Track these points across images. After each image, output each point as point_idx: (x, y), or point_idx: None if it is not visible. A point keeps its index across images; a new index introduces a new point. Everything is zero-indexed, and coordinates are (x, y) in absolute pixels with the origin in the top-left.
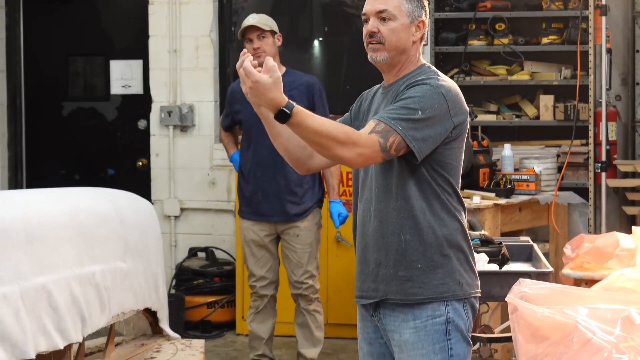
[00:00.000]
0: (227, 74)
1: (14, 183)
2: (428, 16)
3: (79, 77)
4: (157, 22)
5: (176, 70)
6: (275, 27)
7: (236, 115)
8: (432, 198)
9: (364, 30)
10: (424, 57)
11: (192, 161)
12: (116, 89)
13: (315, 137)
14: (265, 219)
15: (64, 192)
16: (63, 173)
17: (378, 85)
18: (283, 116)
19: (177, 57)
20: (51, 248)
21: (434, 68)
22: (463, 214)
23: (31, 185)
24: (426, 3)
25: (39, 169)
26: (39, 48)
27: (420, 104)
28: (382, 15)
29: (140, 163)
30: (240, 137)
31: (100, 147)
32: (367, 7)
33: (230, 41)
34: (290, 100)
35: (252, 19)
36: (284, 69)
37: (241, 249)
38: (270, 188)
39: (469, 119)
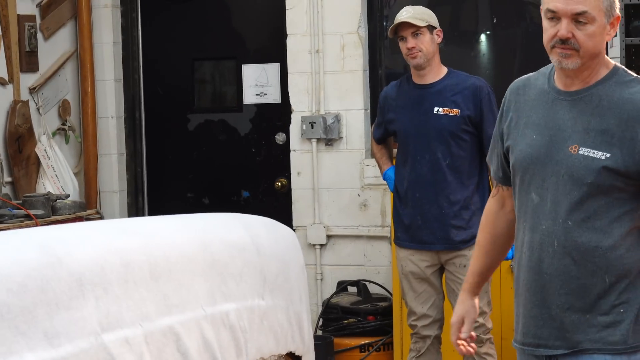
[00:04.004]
0: (378, 76)
1: (134, 209)
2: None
3: (207, 84)
4: (295, 18)
5: (319, 74)
6: (433, 21)
7: (390, 124)
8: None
9: (551, 30)
10: (614, 51)
11: (340, 180)
12: (250, 97)
13: None
14: (427, 247)
15: (192, 219)
16: (190, 197)
17: (536, 81)
18: None
19: (320, 58)
20: (179, 284)
21: (623, 67)
22: None
23: (154, 211)
24: None
25: (162, 192)
26: (160, 52)
27: None
28: (579, 18)
29: (279, 183)
30: (395, 150)
31: (232, 165)
32: (559, 5)
33: (382, 38)
34: None
35: (406, 14)
36: (445, 69)
37: (399, 282)
38: (431, 211)
39: None
